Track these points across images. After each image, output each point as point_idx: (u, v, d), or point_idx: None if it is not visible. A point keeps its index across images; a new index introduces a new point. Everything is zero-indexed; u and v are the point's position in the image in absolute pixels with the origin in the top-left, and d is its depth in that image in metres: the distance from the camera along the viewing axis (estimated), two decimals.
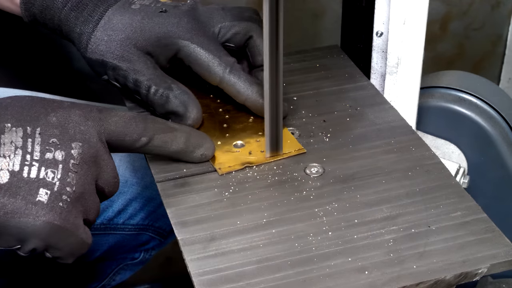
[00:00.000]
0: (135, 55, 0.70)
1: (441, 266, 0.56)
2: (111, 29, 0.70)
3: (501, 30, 1.49)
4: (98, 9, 0.71)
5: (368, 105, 0.75)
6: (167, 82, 0.70)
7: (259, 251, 0.58)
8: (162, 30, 0.70)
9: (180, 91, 0.69)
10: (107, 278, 1.04)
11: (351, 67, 0.82)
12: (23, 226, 0.55)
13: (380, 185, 0.64)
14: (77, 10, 0.71)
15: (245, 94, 0.70)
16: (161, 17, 0.71)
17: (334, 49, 0.85)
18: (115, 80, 0.71)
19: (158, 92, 0.69)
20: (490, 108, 0.91)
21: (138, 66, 0.70)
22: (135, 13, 0.71)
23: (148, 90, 0.70)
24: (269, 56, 0.62)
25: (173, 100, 0.69)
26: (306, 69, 0.81)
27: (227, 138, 0.70)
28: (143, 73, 0.70)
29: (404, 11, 0.73)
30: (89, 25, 0.71)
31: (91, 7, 0.71)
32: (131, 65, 0.70)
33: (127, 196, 0.98)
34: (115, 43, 0.70)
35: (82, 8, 0.71)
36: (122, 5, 0.71)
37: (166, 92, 0.69)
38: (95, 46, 0.70)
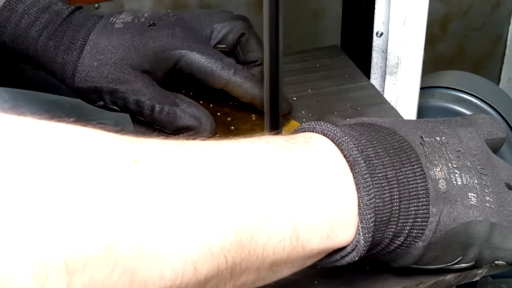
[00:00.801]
0: (131, 75, 0.67)
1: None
2: (100, 53, 0.67)
3: (501, 30, 1.49)
4: (79, 34, 0.67)
5: (368, 105, 0.75)
6: (170, 97, 0.68)
7: None
8: (158, 44, 0.68)
9: (186, 105, 0.67)
10: None
11: (351, 67, 0.82)
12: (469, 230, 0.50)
13: None
14: (55, 38, 0.67)
15: (252, 93, 0.70)
16: (152, 31, 0.69)
17: (334, 49, 0.85)
18: (114, 104, 0.68)
19: (164, 110, 0.67)
20: (490, 108, 0.91)
21: (136, 86, 0.67)
22: (123, 32, 0.68)
23: (152, 110, 0.67)
24: (269, 56, 0.62)
25: (182, 116, 0.67)
26: (306, 69, 0.81)
27: None
28: (143, 92, 0.67)
29: (404, 11, 0.73)
30: (72, 53, 0.67)
31: (70, 34, 0.67)
32: (129, 86, 0.67)
33: None
34: (108, 67, 0.67)
35: (60, 36, 0.67)
36: (103, 27, 0.68)
37: (172, 109, 0.67)
38: (85, 73, 0.67)
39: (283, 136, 0.46)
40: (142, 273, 0.35)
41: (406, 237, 0.48)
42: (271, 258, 0.42)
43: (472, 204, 0.50)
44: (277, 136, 0.46)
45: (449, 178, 0.50)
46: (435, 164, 0.50)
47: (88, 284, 0.33)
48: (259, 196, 0.41)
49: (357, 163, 0.46)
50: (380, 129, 0.51)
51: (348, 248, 0.46)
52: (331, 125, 0.48)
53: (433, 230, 0.49)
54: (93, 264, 0.33)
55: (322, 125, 0.48)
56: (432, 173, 0.49)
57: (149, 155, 0.38)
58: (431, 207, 0.48)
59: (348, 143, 0.46)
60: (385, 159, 0.47)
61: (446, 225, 0.49)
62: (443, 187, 0.49)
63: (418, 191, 0.48)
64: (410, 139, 0.50)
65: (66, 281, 0.32)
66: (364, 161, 0.46)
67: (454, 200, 0.49)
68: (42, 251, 0.31)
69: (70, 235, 0.32)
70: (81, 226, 0.33)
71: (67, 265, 0.32)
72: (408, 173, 0.48)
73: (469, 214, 0.50)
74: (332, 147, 0.47)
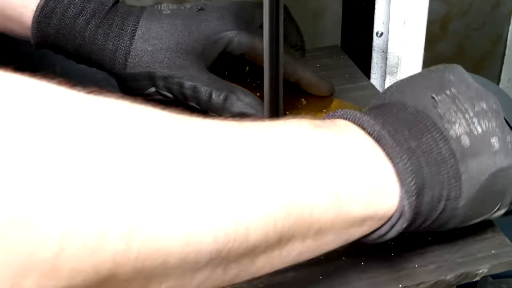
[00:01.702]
0: (187, 60, 0.67)
1: (441, 266, 0.56)
2: (154, 38, 0.67)
3: (501, 30, 1.49)
4: (128, 21, 0.67)
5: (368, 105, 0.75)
6: (227, 85, 0.68)
7: None
8: (210, 27, 0.69)
9: (242, 93, 0.67)
10: None
11: (351, 67, 0.82)
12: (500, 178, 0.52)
13: None
14: (103, 26, 0.67)
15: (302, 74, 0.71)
16: (202, 15, 0.69)
17: (334, 49, 0.85)
18: (168, 90, 0.68)
19: (221, 96, 0.67)
20: None
21: (193, 71, 0.67)
22: (173, 18, 0.68)
23: (209, 96, 0.67)
24: (269, 56, 0.62)
25: (239, 103, 0.67)
26: None
27: None
28: (200, 78, 0.67)
29: (404, 11, 0.73)
30: (123, 38, 0.67)
31: (119, 21, 0.67)
32: (186, 71, 0.67)
33: None
34: (163, 52, 0.67)
35: (109, 24, 0.67)
36: (151, 13, 0.68)
37: (230, 96, 0.67)
38: (138, 58, 0.67)
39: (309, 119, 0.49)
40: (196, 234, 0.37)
41: (446, 201, 0.50)
42: (317, 226, 0.44)
43: (496, 150, 0.51)
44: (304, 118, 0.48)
45: (469, 130, 0.51)
46: (453, 122, 0.51)
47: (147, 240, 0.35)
48: (303, 165, 0.43)
49: (382, 136, 0.48)
50: (391, 108, 0.52)
51: (394, 216, 0.48)
52: (349, 110, 0.50)
53: (468, 187, 0.50)
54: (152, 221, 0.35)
55: (340, 112, 0.50)
56: (453, 132, 0.51)
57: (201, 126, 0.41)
58: (460, 165, 0.50)
59: (369, 121, 0.48)
60: (405, 133, 0.49)
61: (480, 179, 0.51)
62: (466, 143, 0.51)
63: (443, 155, 0.50)
64: (422, 106, 0.52)
65: None
66: (388, 134, 0.48)
67: (479, 151, 0.51)
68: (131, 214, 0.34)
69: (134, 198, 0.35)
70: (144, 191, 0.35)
71: None
72: (429, 142, 0.50)
73: (496, 162, 0.51)
74: (355, 127, 0.49)
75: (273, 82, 0.64)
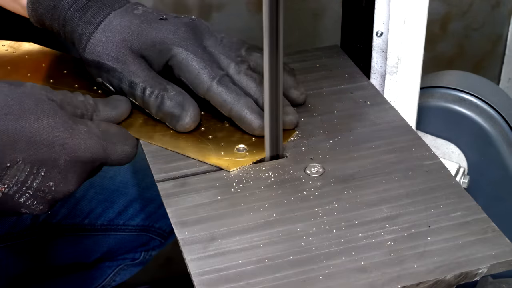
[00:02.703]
0: (129, 57, 0.70)
1: (441, 266, 0.56)
2: (110, 31, 0.71)
3: (501, 30, 1.49)
4: (102, 12, 0.72)
5: (368, 105, 0.75)
6: (162, 84, 0.70)
7: (259, 251, 0.58)
8: (158, 36, 0.70)
9: (175, 92, 0.69)
10: (107, 278, 1.04)
11: (351, 67, 0.82)
12: None
13: (380, 185, 0.64)
14: (81, 11, 0.72)
15: (230, 105, 0.69)
16: (159, 24, 0.71)
17: (334, 49, 0.85)
18: (109, 83, 0.72)
19: (154, 93, 0.69)
20: (490, 108, 0.91)
21: (132, 68, 0.70)
22: (135, 17, 0.71)
23: (143, 92, 0.69)
24: (269, 56, 0.62)
25: (168, 102, 0.69)
26: (306, 69, 0.81)
27: (223, 146, 0.69)
28: (138, 75, 0.70)
29: (404, 11, 0.73)
30: (90, 26, 0.71)
31: (95, 10, 0.72)
32: (126, 67, 0.70)
33: (128, 197, 0.98)
34: (112, 44, 0.70)
35: (86, 10, 0.72)
36: (124, 9, 0.72)
37: (161, 93, 0.69)
38: (93, 47, 0.71)
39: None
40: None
41: None
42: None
43: None
44: None
45: None
46: None
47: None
48: None
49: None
50: None
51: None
52: None
53: None
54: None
55: None
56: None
57: None
58: None
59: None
60: None
61: None
62: None
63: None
64: None
65: None
66: None
67: None
68: None
69: None
70: None
71: None
72: None
73: None
74: None
75: (274, 83, 0.64)
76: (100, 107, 0.69)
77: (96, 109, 0.68)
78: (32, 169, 0.61)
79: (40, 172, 0.62)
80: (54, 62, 0.80)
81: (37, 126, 0.61)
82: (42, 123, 0.62)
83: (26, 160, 0.61)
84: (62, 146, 0.62)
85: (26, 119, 0.61)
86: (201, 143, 0.69)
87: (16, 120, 0.60)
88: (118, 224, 0.98)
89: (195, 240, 0.59)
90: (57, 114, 0.63)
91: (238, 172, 0.66)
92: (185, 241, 0.59)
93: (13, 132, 0.60)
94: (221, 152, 0.68)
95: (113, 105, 0.70)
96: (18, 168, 0.60)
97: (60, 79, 0.78)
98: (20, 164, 0.60)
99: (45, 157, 0.61)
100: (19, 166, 0.60)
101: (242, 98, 0.69)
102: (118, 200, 0.97)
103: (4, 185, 0.60)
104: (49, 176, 0.62)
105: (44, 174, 0.62)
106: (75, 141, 0.63)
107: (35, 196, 0.62)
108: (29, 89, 0.64)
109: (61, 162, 0.62)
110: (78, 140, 0.63)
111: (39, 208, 0.64)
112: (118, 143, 0.66)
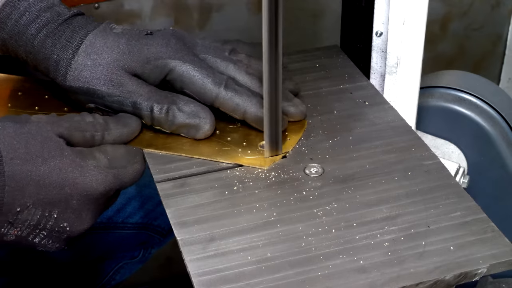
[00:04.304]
0: (125, 77, 0.67)
1: (441, 266, 0.56)
2: (95, 53, 0.67)
3: (501, 30, 1.49)
4: (77, 34, 0.68)
5: (367, 105, 0.75)
6: (167, 97, 0.67)
7: (258, 251, 0.58)
8: (151, 51, 0.68)
9: (184, 102, 0.67)
10: (107, 277, 1.04)
11: (350, 67, 0.82)
12: None
13: (380, 185, 0.64)
14: (53, 36, 0.68)
15: (244, 107, 0.68)
16: (148, 39, 0.69)
17: (334, 49, 0.85)
18: (108, 108, 0.68)
19: (163, 109, 0.67)
20: (490, 108, 0.91)
21: (131, 87, 0.67)
22: (119, 36, 0.68)
23: (151, 111, 0.67)
24: (269, 56, 0.62)
25: (181, 114, 0.67)
26: (306, 69, 0.81)
27: (246, 145, 0.69)
28: (140, 93, 0.67)
29: (403, 11, 0.73)
30: (68, 50, 0.67)
31: (69, 33, 0.68)
32: (124, 88, 0.67)
33: (126, 195, 0.98)
34: (101, 67, 0.67)
35: (59, 35, 0.68)
36: (102, 29, 0.69)
37: (171, 107, 0.67)
38: (77, 72, 0.67)
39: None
40: None
41: None
42: None
43: None
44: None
45: None
46: None
47: None
48: None
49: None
50: None
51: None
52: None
53: None
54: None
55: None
56: None
57: None
58: None
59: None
60: None
61: None
62: None
63: None
64: None
65: None
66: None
67: None
68: None
69: None
70: None
71: None
72: None
73: None
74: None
75: (273, 83, 0.64)
76: (111, 125, 0.66)
77: (107, 127, 0.66)
78: (44, 212, 0.60)
79: (52, 214, 0.60)
80: (31, 88, 0.75)
81: (44, 169, 0.60)
82: (49, 166, 0.60)
83: (36, 204, 0.59)
84: (72, 186, 0.60)
85: (32, 163, 0.59)
86: (223, 146, 0.68)
87: (22, 165, 0.59)
88: (117, 222, 0.98)
89: (195, 240, 0.59)
90: (64, 153, 0.61)
91: (238, 173, 0.66)
92: (185, 242, 0.59)
93: (21, 177, 0.58)
94: (247, 151, 0.68)
95: (124, 122, 0.67)
96: (29, 212, 0.59)
97: (45, 105, 0.73)
98: (31, 208, 0.59)
99: (56, 199, 0.60)
100: (30, 210, 0.59)
101: (253, 98, 0.68)
102: None
103: (16, 228, 0.59)
104: (63, 217, 0.61)
105: (57, 216, 0.61)
106: (86, 179, 0.61)
107: (50, 236, 0.61)
108: (34, 127, 0.61)
109: (73, 202, 0.61)
110: (89, 178, 0.61)
111: (55, 246, 0.62)
112: (128, 165, 0.64)
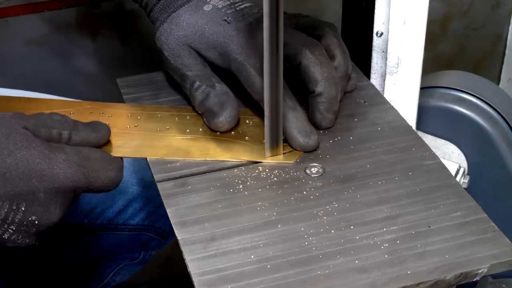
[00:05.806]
0: (186, 51, 0.72)
1: (441, 266, 0.56)
2: (175, 24, 0.73)
3: (501, 30, 1.49)
4: (175, 3, 0.74)
5: (368, 105, 0.75)
6: (211, 80, 0.71)
7: (259, 251, 0.58)
8: (219, 40, 0.71)
9: (221, 91, 0.70)
10: (107, 278, 1.04)
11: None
12: None
13: (380, 185, 0.64)
14: (160, 2, 0.75)
15: None
16: (221, 27, 0.71)
17: None
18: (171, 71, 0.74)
19: (201, 88, 0.71)
20: (490, 108, 0.91)
21: (186, 61, 0.72)
22: (202, 16, 0.72)
23: (192, 85, 0.71)
24: (269, 56, 0.62)
25: (212, 98, 0.70)
26: None
27: None
28: (190, 69, 0.72)
29: (404, 11, 0.73)
30: (164, 14, 0.74)
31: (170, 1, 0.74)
32: (180, 60, 0.72)
33: (127, 196, 0.98)
34: (173, 37, 0.72)
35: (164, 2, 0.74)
36: (194, 5, 0.73)
37: (208, 89, 0.70)
38: (159, 34, 0.73)
39: None
40: None
41: None
42: None
43: None
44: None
45: None
46: None
47: None
48: None
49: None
50: None
51: None
52: None
53: None
54: None
55: None
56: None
57: None
58: None
59: None
60: None
61: None
62: None
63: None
64: None
65: None
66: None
67: None
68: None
69: None
70: None
71: None
72: None
73: None
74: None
75: (274, 83, 0.64)
76: (80, 126, 0.65)
77: (75, 128, 0.65)
78: (12, 205, 0.58)
79: (20, 207, 0.59)
80: None
81: (10, 160, 0.58)
82: (16, 157, 0.58)
83: (3, 197, 0.58)
84: (40, 178, 0.59)
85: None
86: (245, 146, 0.69)
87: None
88: (117, 224, 0.98)
89: (195, 240, 0.59)
90: (31, 144, 0.59)
91: (239, 172, 0.66)
92: (185, 241, 0.59)
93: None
94: None
95: (93, 127, 0.67)
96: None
97: None
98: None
99: (24, 191, 0.58)
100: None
101: None
102: (117, 199, 0.97)
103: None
104: (30, 210, 0.59)
105: (25, 209, 0.59)
106: (54, 171, 0.59)
107: (19, 231, 0.60)
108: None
109: (40, 195, 0.59)
110: (56, 170, 0.60)
111: (25, 242, 0.61)
112: (100, 170, 0.63)
